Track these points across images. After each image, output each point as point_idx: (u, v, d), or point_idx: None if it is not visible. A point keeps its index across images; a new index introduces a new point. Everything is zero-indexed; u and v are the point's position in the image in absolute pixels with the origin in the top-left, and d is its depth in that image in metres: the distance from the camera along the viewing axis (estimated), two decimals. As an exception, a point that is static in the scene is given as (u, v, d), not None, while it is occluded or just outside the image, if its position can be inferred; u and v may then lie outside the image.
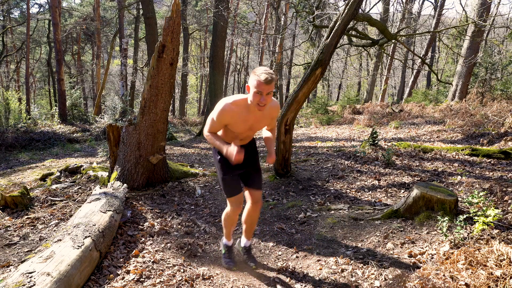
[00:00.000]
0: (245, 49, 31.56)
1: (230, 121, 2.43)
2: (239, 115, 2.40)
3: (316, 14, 7.41)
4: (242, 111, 2.40)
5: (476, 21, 8.52)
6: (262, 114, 2.46)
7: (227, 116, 2.40)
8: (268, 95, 2.28)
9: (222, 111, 2.38)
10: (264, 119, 2.54)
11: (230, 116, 2.40)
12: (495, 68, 12.77)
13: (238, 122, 2.44)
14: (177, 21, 4.29)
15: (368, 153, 6.27)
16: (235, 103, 2.39)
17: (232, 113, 2.39)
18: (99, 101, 19.00)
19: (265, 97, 2.26)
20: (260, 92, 2.25)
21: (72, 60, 26.91)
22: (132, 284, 2.55)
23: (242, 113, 2.41)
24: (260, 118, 2.50)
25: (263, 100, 2.27)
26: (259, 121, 2.52)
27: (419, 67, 18.40)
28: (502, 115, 8.63)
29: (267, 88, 2.24)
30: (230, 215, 2.76)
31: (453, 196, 3.27)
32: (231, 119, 2.42)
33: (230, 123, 2.45)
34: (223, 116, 2.40)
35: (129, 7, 19.78)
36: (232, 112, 2.38)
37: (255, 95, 2.27)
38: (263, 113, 2.45)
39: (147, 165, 4.62)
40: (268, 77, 2.23)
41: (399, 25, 17.50)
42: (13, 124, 12.52)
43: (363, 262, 2.81)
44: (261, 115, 2.47)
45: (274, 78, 2.26)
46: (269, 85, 2.24)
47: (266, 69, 2.29)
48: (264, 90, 2.24)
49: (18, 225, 3.54)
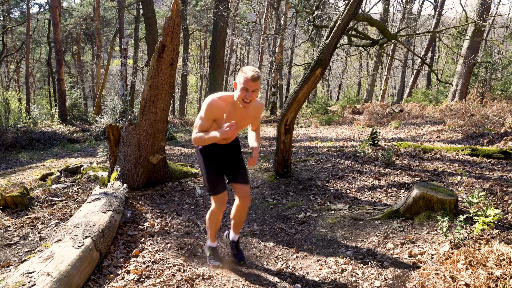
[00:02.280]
0: (245, 49, 31.58)
1: (217, 115, 2.50)
2: (225, 110, 2.47)
3: (316, 14, 7.41)
4: (228, 106, 2.49)
5: (476, 21, 8.52)
6: (246, 112, 2.56)
7: (214, 110, 2.47)
8: (254, 92, 2.39)
9: (209, 105, 2.46)
10: (248, 117, 2.65)
11: (218, 110, 2.48)
12: (495, 68, 12.77)
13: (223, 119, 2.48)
14: (177, 21, 4.29)
15: (368, 153, 6.27)
16: (221, 98, 2.50)
17: (219, 108, 2.47)
18: (99, 101, 18.99)
19: (250, 93, 2.38)
20: (246, 89, 2.37)
21: (72, 60, 26.91)
22: (132, 284, 2.55)
23: (228, 108, 2.49)
24: (245, 116, 2.60)
25: (249, 96, 2.38)
26: (243, 119, 2.61)
27: (419, 67, 18.39)
28: (502, 115, 8.62)
29: (253, 85, 2.36)
30: (214, 214, 2.80)
31: (453, 196, 3.27)
32: (218, 114, 2.49)
33: (217, 118, 2.52)
34: (210, 110, 2.47)
35: (129, 7, 19.79)
36: (219, 106, 2.47)
37: (242, 91, 2.39)
38: (247, 111, 2.55)
39: (147, 165, 4.62)
40: (255, 75, 2.35)
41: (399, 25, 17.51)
42: (13, 124, 12.51)
43: (363, 262, 2.81)
44: (246, 113, 2.57)
45: (260, 76, 2.38)
46: (255, 82, 2.36)
47: (254, 68, 2.44)
48: (250, 87, 2.36)
49: (18, 225, 3.54)
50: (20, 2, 24.16)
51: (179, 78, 24.44)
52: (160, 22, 19.48)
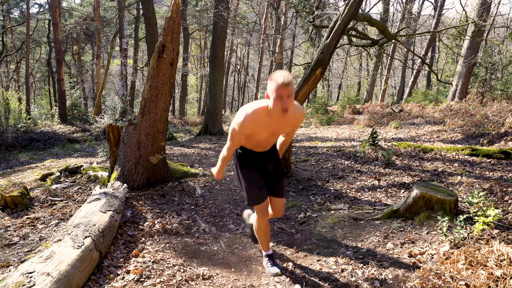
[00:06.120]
0: (245, 49, 31.58)
1: (252, 131, 2.41)
2: (260, 123, 2.37)
3: (316, 14, 7.41)
4: (263, 119, 2.36)
5: (476, 21, 8.52)
6: (285, 120, 2.39)
7: (248, 126, 2.37)
8: (289, 98, 2.23)
9: (243, 123, 2.35)
10: (286, 125, 2.49)
11: (252, 126, 2.37)
12: (495, 68, 12.77)
13: (260, 130, 2.42)
14: (177, 21, 4.29)
15: (368, 153, 6.27)
16: (255, 112, 2.36)
17: (254, 123, 2.36)
18: (99, 101, 18.99)
19: (286, 100, 2.22)
20: (280, 96, 2.22)
21: (72, 60, 26.91)
22: (132, 284, 2.55)
23: (263, 120, 2.37)
24: (283, 124, 2.45)
25: (285, 103, 2.22)
26: (281, 127, 2.48)
27: (419, 67, 18.40)
28: (502, 115, 8.63)
29: (286, 90, 2.20)
30: (260, 225, 2.74)
31: (453, 196, 3.27)
32: (253, 129, 2.39)
33: (253, 132, 2.43)
34: (244, 128, 2.37)
35: (129, 7, 19.78)
36: (254, 122, 2.35)
37: (276, 101, 2.24)
38: (286, 119, 2.38)
39: (147, 165, 4.62)
40: (285, 80, 2.20)
41: (399, 25, 17.51)
42: (13, 124, 12.51)
43: (363, 262, 2.81)
44: (284, 121, 2.41)
45: (291, 80, 2.24)
46: (287, 87, 2.20)
47: (283, 72, 2.27)
48: (284, 93, 2.21)
49: (18, 225, 3.54)
50: (20, 2, 24.16)
51: (179, 78, 24.44)
52: (160, 22, 19.47)
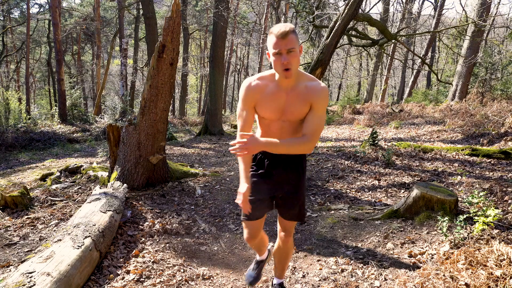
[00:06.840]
0: (245, 49, 31.57)
1: (257, 99, 1.97)
2: (266, 90, 1.95)
3: (316, 14, 7.41)
4: (269, 85, 1.95)
5: (476, 21, 8.53)
6: (295, 94, 1.92)
7: (252, 92, 1.96)
8: (291, 53, 1.79)
9: (246, 88, 1.97)
10: (298, 99, 1.93)
11: (256, 91, 1.96)
12: (495, 68, 12.77)
13: (267, 100, 1.96)
14: (177, 21, 4.29)
15: (368, 153, 6.27)
16: (259, 77, 1.98)
17: (258, 88, 1.96)
18: (99, 101, 18.99)
19: (286, 56, 1.78)
20: (279, 52, 1.78)
21: (72, 60, 26.91)
22: (132, 284, 2.55)
23: (269, 87, 1.95)
24: (294, 99, 1.93)
25: (285, 59, 1.78)
26: (292, 103, 1.94)
27: (419, 67, 18.41)
28: (502, 115, 8.62)
29: (284, 43, 1.76)
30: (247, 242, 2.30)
31: (453, 196, 3.27)
32: (258, 96, 1.97)
33: (259, 104, 1.98)
34: (248, 94, 1.97)
35: (129, 7, 19.79)
36: (258, 87, 1.95)
37: (276, 58, 1.81)
38: (297, 93, 1.92)
39: (147, 165, 4.62)
40: (282, 29, 1.77)
41: (399, 25, 17.50)
42: (13, 124, 12.51)
43: (363, 262, 2.81)
44: (295, 95, 1.93)
45: (291, 31, 1.78)
46: (286, 39, 1.76)
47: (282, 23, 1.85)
48: (282, 47, 1.77)
49: (18, 225, 3.54)
50: (20, 2, 24.15)
51: (179, 78, 24.44)
52: (160, 22, 19.47)
